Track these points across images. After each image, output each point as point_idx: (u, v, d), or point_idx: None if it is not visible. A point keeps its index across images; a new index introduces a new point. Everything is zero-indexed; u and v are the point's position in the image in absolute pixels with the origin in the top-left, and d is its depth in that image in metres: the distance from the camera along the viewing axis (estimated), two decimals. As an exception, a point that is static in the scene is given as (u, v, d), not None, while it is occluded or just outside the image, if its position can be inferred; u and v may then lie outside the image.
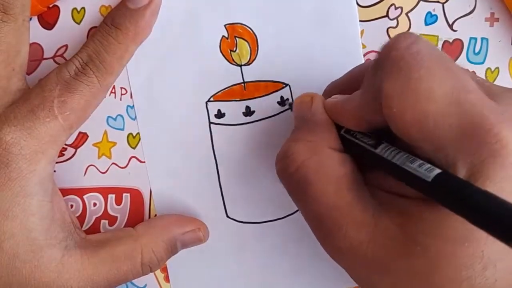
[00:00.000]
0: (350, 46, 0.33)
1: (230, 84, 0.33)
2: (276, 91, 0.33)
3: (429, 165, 0.22)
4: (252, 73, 0.33)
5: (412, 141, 0.23)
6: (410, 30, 0.33)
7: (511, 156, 0.21)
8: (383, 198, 0.25)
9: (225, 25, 0.32)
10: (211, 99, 0.33)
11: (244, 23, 0.32)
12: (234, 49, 0.33)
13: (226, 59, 0.33)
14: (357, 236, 0.24)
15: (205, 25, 0.32)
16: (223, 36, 0.32)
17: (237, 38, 0.32)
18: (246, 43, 0.33)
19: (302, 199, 0.26)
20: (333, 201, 0.25)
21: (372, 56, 0.33)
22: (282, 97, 0.33)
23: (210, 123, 0.33)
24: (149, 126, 0.33)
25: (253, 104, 0.33)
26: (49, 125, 0.28)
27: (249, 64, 0.33)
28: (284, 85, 0.33)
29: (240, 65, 0.33)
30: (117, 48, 0.30)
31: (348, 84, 0.29)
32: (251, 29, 0.32)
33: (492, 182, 0.21)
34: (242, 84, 0.33)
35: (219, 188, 0.34)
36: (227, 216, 0.34)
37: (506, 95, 0.24)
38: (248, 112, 0.33)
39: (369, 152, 0.25)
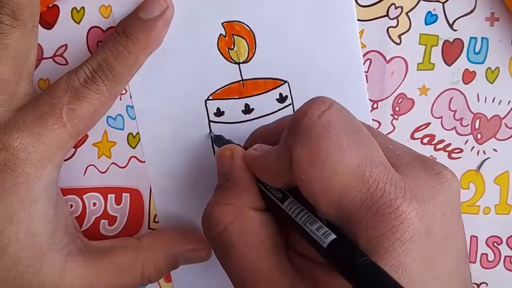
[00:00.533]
0: (348, 41, 0.33)
1: (229, 82, 0.33)
2: (275, 88, 0.33)
3: (326, 230, 0.23)
4: (250, 71, 0.33)
5: (318, 205, 0.23)
6: (411, 30, 0.33)
7: (408, 231, 0.21)
8: (300, 263, 0.25)
9: (222, 23, 0.32)
10: (210, 97, 0.33)
11: (241, 20, 0.32)
12: (232, 47, 0.33)
13: (224, 57, 0.33)
14: None
15: (203, 24, 0.32)
16: (220, 34, 0.32)
17: (234, 36, 0.32)
18: (243, 40, 0.33)
19: (226, 262, 0.26)
20: (254, 266, 0.25)
21: (372, 56, 0.33)
22: (281, 94, 0.33)
23: (209, 121, 0.33)
24: (148, 126, 0.33)
25: (252, 101, 0.33)
26: (57, 132, 0.28)
27: (247, 62, 0.33)
28: (282, 82, 0.33)
29: (238, 63, 0.33)
30: (126, 58, 0.30)
31: (275, 133, 0.29)
32: (248, 26, 0.32)
33: (391, 256, 0.21)
34: (241, 82, 0.33)
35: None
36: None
37: (414, 165, 0.24)
38: (247, 109, 0.33)
39: (279, 206, 0.26)
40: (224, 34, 0.32)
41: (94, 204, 0.34)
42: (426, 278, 0.22)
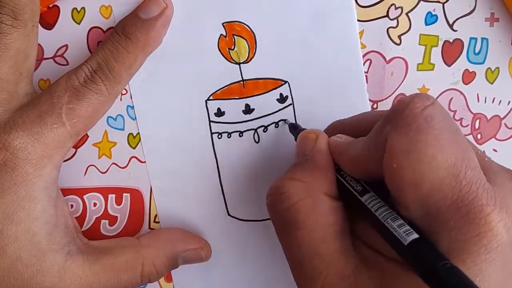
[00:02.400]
0: (348, 41, 0.33)
1: (229, 82, 0.33)
2: (275, 88, 0.33)
3: (408, 228, 0.22)
4: (250, 71, 0.33)
5: (403, 200, 0.23)
6: (411, 30, 0.33)
7: (496, 240, 0.21)
8: (366, 254, 0.25)
9: (223, 24, 0.32)
10: (211, 97, 0.33)
11: (242, 21, 0.32)
12: (233, 47, 0.33)
13: (225, 58, 0.33)
14: (334, 287, 0.24)
15: (203, 24, 0.32)
16: (221, 34, 0.32)
17: (235, 36, 0.32)
18: (244, 41, 0.33)
19: (287, 238, 0.26)
20: (317, 248, 0.25)
21: (372, 56, 0.33)
22: (281, 94, 0.33)
23: (210, 121, 0.33)
24: (149, 126, 0.33)
25: (252, 101, 0.33)
26: (56, 131, 0.28)
27: (247, 62, 0.33)
28: (283, 82, 0.33)
29: (239, 63, 0.33)
30: (126, 58, 0.30)
31: (354, 127, 0.29)
32: (249, 27, 0.32)
33: (472, 262, 0.21)
34: (241, 82, 0.33)
35: (220, 187, 0.34)
36: (228, 215, 0.34)
37: (502, 175, 0.24)
38: (248, 110, 0.33)
39: (356, 198, 0.25)
40: (224, 34, 0.32)
41: (95, 204, 0.34)
42: None
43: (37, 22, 0.30)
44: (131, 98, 0.33)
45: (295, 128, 0.32)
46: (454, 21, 0.33)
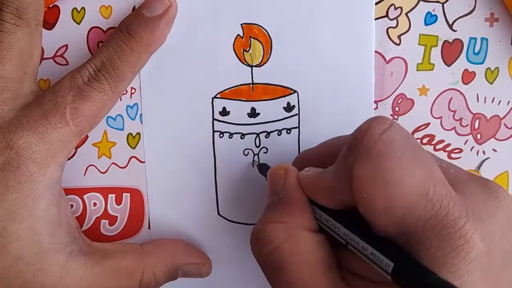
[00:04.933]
0: (363, 61, 0.33)
1: (239, 84, 0.33)
2: (284, 96, 0.33)
3: (389, 251, 0.22)
4: (262, 75, 0.33)
5: (378, 225, 0.23)
6: (410, 30, 0.33)
7: (473, 251, 0.21)
8: (354, 283, 0.25)
9: (241, 24, 0.32)
10: (218, 95, 0.33)
11: (261, 24, 0.32)
12: (248, 49, 0.33)
13: (238, 58, 0.33)
14: None
15: (222, 22, 0.32)
16: (238, 35, 0.32)
17: (251, 38, 0.32)
18: (260, 44, 0.33)
19: (276, 281, 0.26)
20: (307, 286, 0.24)
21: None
22: (288, 103, 0.33)
23: (213, 119, 0.33)
24: (153, 120, 0.33)
25: (259, 106, 0.33)
26: (60, 131, 0.29)
27: (260, 66, 0.33)
28: (292, 92, 0.33)
29: (251, 66, 0.33)
30: (130, 56, 0.30)
31: (321, 156, 0.29)
32: (267, 31, 0.32)
33: (454, 276, 0.21)
34: (251, 85, 0.33)
35: (214, 186, 0.34)
36: (218, 214, 0.34)
37: (471, 184, 0.24)
38: (253, 113, 0.33)
39: (335, 232, 0.25)
40: (241, 35, 0.32)
41: (95, 204, 0.34)
42: None
43: (41, 21, 0.30)
44: (131, 98, 0.33)
45: (265, 169, 0.31)
46: (454, 21, 0.33)
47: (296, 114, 0.33)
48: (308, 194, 0.27)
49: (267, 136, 0.34)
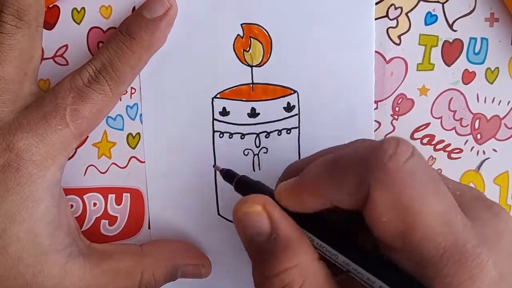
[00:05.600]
0: (363, 61, 0.33)
1: (239, 84, 0.33)
2: (284, 96, 0.33)
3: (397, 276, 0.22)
4: (262, 75, 0.33)
5: (393, 250, 0.23)
6: (410, 30, 0.33)
7: (487, 278, 0.21)
8: None
9: (241, 24, 0.32)
10: (218, 96, 0.33)
11: (261, 24, 0.32)
12: (248, 49, 0.33)
13: (238, 58, 0.33)
14: None
15: (222, 22, 0.32)
16: (238, 34, 0.32)
17: (251, 38, 0.32)
18: (260, 44, 0.32)
19: None
20: None
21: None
22: (288, 103, 0.33)
23: (214, 119, 0.33)
24: (153, 120, 0.33)
25: (259, 106, 0.33)
26: (60, 132, 0.29)
27: (260, 66, 0.33)
28: (292, 92, 0.33)
29: (251, 66, 0.33)
30: (130, 57, 0.30)
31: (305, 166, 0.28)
32: (267, 31, 0.32)
33: None
34: (251, 85, 0.33)
35: (214, 186, 0.34)
36: (218, 214, 0.34)
37: (478, 208, 0.24)
38: (253, 113, 0.33)
39: (335, 260, 0.24)
40: (241, 35, 0.32)
41: (95, 204, 0.34)
42: None
43: (42, 23, 0.30)
44: (131, 98, 0.33)
45: (231, 177, 0.29)
46: (454, 21, 0.33)
47: (296, 114, 0.33)
48: (290, 205, 0.25)
49: (267, 136, 0.34)
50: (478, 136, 0.35)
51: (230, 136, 0.33)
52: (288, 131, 0.34)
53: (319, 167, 0.25)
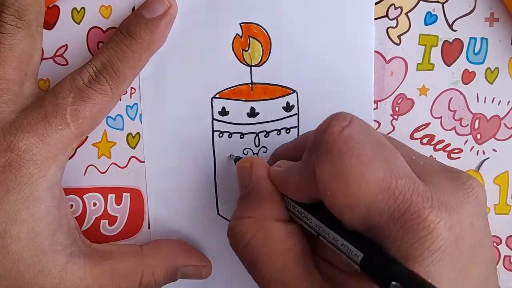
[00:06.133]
0: (363, 61, 0.33)
1: (238, 83, 0.33)
2: (283, 96, 0.33)
3: (357, 244, 0.23)
4: (261, 75, 0.33)
5: (344, 220, 0.23)
6: (410, 30, 0.33)
7: (438, 241, 0.21)
8: (326, 270, 0.25)
9: (240, 24, 0.32)
10: (217, 95, 0.33)
11: (260, 24, 0.32)
12: (247, 48, 0.33)
13: (237, 58, 0.33)
14: None
15: (221, 21, 0.32)
16: (237, 34, 0.32)
17: (250, 38, 0.32)
18: (259, 44, 0.32)
19: (254, 274, 0.26)
20: (280, 275, 0.25)
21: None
22: (288, 103, 0.33)
23: (213, 119, 0.33)
24: (152, 121, 0.33)
25: (258, 106, 0.33)
26: (61, 132, 0.29)
27: (259, 66, 0.33)
28: (291, 91, 0.33)
29: (250, 66, 0.33)
30: (130, 57, 0.30)
31: (296, 150, 0.29)
32: (266, 31, 0.32)
33: (420, 266, 0.21)
34: (250, 85, 0.33)
35: (213, 185, 0.34)
36: (218, 214, 0.34)
37: (441, 176, 0.24)
38: (252, 113, 0.33)
39: (305, 224, 0.26)
40: (240, 34, 0.32)
41: (94, 204, 0.34)
42: (456, 287, 0.22)
43: (42, 23, 0.30)
44: (130, 98, 0.33)
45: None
46: (454, 21, 0.33)
47: (296, 114, 0.33)
48: (279, 189, 0.27)
49: (267, 135, 0.34)
50: (478, 136, 0.35)
51: (230, 136, 0.33)
52: (288, 131, 0.34)
53: (298, 163, 0.26)
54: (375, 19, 0.33)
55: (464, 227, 0.22)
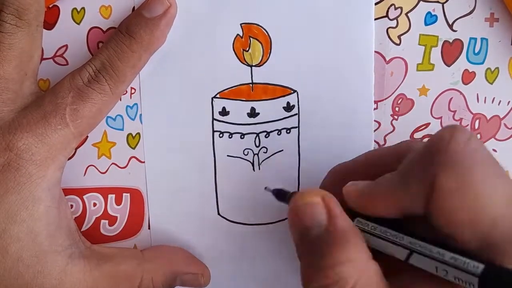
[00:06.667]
0: (363, 61, 0.33)
1: (238, 83, 0.33)
2: (284, 96, 0.33)
3: (469, 260, 0.22)
4: (261, 75, 0.33)
5: (461, 240, 0.22)
6: (410, 30, 0.33)
7: None
8: None
9: (241, 24, 0.32)
10: (217, 95, 0.33)
11: (260, 24, 0.32)
12: (247, 48, 0.33)
13: (238, 58, 0.33)
14: None
15: (221, 21, 0.32)
16: (237, 34, 0.32)
17: (251, 38, 0.32)
18: (259, 44, 0.32)
19: None
20: None
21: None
22: (288, 103, 0.33)
23: (213, 119, 0.33)
24: (152, 121, 0.33)
25: (258, 106, 0.33)
26: (60, 132, 0.29)
27: (259, 66, 0.33)
28: (292, 91, 0.33)
29: (251, 66, 0.33)
30: (130, 57, 0.30)
31: (365, 167, 0.28)
32: (266, 31, 0.32)
33: None
34: (250, 85, 0.33)
35: (214, 186, 0.34)
36: (218, 214, 0.34)
37: None
38: (253, 113, 0.33)
39: (399, 243, 0.24)
40: (241, 35, 0.32)
41: (95, 204, 0.34)
42: None
43: (42, 22, 0.30)
44: (130, 98, 0.33)
45: (283, 194, 0.29)
46: (454, 21, 0.33)
47: (296, 114, 0.33)
48: (360, 207, 0.25)
49: (267, 136, 0.34)
50: (478, 136, 0.35)
51: (230, 136, 0.33)
52: (288, 131, 0.34)
53: (393, 175, 0.25)
54: (375, 19, 0.33)
55: None
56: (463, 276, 0.21)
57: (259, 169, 0.34)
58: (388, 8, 0.33)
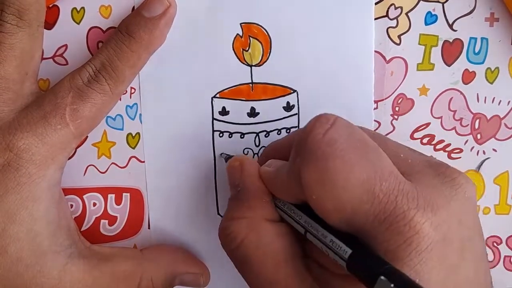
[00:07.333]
0: (363, 61, 0.33)
1: (238, 83, 0.33)
2: (283, 95, 0.33)
3: (343, 244, 0.23)
4: (261, 75, 0.33)
5: (333, 224, 0.23)
6: (410, 30, 0.33)
7: (424, 241, 0.21)
8: (318, 273, 0.25)
9: (241, 24, 0.32)
10: (217, 95, 0.33)
11: (260, 24, 0.32)
12: (247, 48, 0.33)
13: (238, 58, 0.33)
14: None
15: (221, 21, 0.32)
16: (237, 34, 0.32)
17: (251, 38, 0.32)
18: (259, 44, 0.32)
19: (245, 275, 0.26)
20: (272, 276, 0.25)
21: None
22: (288, 103, 0.33)
23: (213, 119, 0.33)
24: (152, 121, 0.33)
25: (258, 105, 0.33)
26: (60, 132, 0.29)
27: (259, 66, 0.33)
28: (292, 91, 0.33)
29: (251, 65, 0.33)
30: (130, 57, 0.30)
31: (286, 148, 0.29)
32: (266, 31, 0.32)
33: (408, 266, 0.21)
34: (250, 85, 0.33)
35: (214, 185, 0.34)
36: (218, 214, 0.34)
37: (427, 172, 0.24)
38: (253, 113, 0.33)
39: (294, 224, 0.26)
40: (241, 34, 0.32)
41: (94, 204, 0.34)
42: (446, 286, 0.22)
43: (43, 22, 0.30)
44: (130, 98, 0.33)
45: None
46: (454, 21, 0.33)
47: (296, 114, 0.33)
48: (269, 189, 0.27)
49: (267, 135, 0.34)
50: (478, 136, 0.35)
51: (230, 136, 0.33)
52: (288, 131, 0.34)
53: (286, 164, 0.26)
54: (375, 19, 0.33)
55: (452, 225, 0.22)
56: (337, 259, 0.23)
57: (259, 168, 0.34)
58: (388, 8, 0.33)
